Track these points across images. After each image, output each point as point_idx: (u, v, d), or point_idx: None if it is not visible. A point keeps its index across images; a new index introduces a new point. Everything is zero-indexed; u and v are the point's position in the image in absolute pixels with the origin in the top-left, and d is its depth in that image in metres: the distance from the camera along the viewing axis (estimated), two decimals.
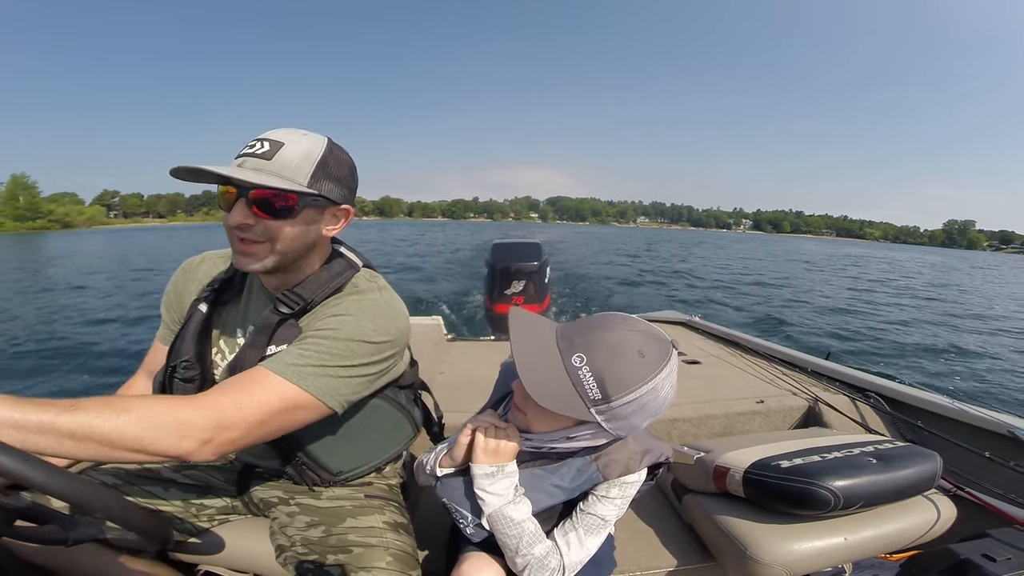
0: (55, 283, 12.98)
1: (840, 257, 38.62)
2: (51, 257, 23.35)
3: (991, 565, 0.99)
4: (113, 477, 0.95)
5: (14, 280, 13.79)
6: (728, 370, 2.39)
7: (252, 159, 0.80)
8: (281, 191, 0.80)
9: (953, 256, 64.74)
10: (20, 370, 5.72)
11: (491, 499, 0.82)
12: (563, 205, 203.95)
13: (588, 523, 0.88)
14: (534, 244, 4.76)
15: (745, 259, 29.84)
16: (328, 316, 0.87)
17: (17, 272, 16.35)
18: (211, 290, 0.96)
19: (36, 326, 7.97)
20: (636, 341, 0.71)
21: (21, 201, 63.97)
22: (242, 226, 0.81)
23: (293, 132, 0.84)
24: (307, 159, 0.83)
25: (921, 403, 1.82)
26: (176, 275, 1.04)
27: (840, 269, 25.72)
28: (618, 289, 12.84)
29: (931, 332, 9.49)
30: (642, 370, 0.70)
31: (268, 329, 0.89)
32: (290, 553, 0.92)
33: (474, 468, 0.83)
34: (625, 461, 0.85)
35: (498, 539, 0.84)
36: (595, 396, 0.70)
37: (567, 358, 0.72)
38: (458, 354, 2.67)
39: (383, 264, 16.80)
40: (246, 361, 0.87)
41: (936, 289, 18.46)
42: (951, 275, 25.85)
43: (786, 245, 58.17)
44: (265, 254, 0.84)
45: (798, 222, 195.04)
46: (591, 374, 0.70)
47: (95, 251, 26.63)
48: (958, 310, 12.95)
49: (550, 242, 10.28)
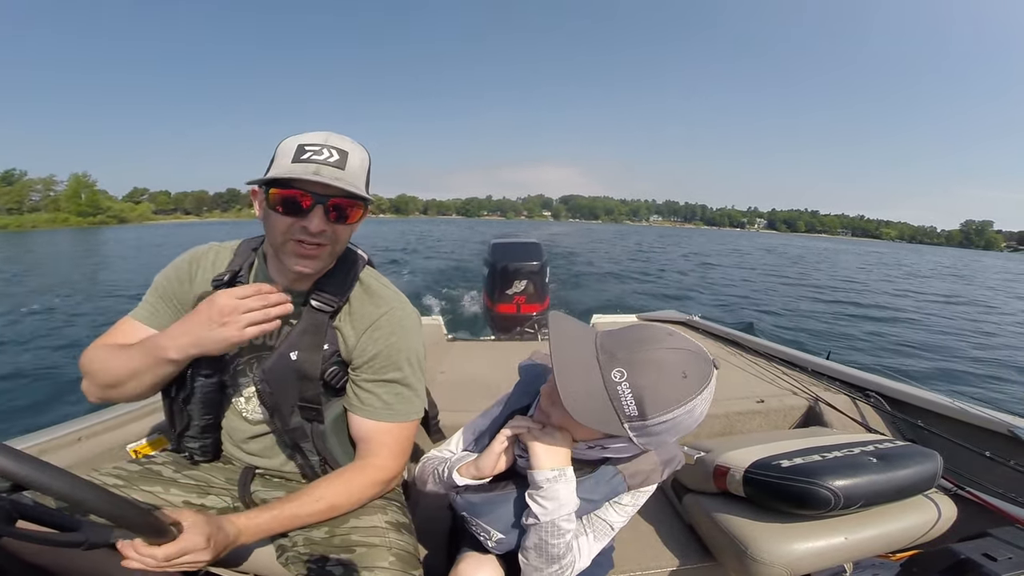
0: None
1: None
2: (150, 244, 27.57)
3: (992, 564, 0.99)
4: (115, 478, 0.95)
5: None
6: (728, 370, 2.38)
7: (327, 168, 0.83)
8: (360, 199, 0.86)
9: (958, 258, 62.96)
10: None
11: (552, 506, 0.78)
12: (576, 203, 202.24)
13: (599, 529, 0.88)
14: (534, 244, 4.75)
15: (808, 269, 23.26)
16: (391, 347, 0.96)
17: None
18: (227, 283, 0.95)
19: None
20: (681, 360, 0.69)
21: (83, 199, 70.75)
22: (320, 233, 0.84)
23: (343, 139, 0.88)
24: (363, 167, 0.89)
25: (921, 402, 1.82)
26: (181, 261, 1.01)
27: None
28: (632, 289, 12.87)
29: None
30: (683, 391, 0.68)
31: (322, 328, 0.94)
32: (292, 553, 0.93)
33: (536, 474, 0.79)
34: (648, 472, 0.85)
35: (532, 547, 0.81)
36: (631, 413, 0.68)
37: (607, 372, 0.70)
38: (458, 354, 2.67)
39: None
40: (307, 366, 0.92)
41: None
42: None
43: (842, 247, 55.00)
44: (324, 257, 0.89)
45: (813, 222, 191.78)
46: (630, 391, 0.68)
47: (157, 242, 30.53)
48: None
49: (554, 236, 10.53)
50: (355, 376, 0.98)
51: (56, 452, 1.31)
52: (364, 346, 0.96)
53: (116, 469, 0.98)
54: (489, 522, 0.86)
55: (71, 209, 68.03)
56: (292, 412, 0.95)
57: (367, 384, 0.97)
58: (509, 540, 0.85)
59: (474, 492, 0.88)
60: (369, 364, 0.96)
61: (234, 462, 1.09)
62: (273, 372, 0.91)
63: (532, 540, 0.81)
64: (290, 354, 0.92)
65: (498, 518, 0.86)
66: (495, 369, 2.38)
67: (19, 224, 58.84)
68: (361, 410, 0.97)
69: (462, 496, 0.89)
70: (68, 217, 65.81)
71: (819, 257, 34.63)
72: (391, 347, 0.96)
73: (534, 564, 0.82)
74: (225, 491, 1.05)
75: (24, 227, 57.74)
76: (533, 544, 0.81)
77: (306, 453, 0.99)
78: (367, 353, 0.96)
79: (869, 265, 30.09)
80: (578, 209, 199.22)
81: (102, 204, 73.35)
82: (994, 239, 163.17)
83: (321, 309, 0.94)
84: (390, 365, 0.96)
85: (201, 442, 1.04)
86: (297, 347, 0.92)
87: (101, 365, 0.90)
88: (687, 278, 16.65)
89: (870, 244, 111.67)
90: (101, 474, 0.96)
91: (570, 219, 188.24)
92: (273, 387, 0.92)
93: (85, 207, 69.58)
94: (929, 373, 6.61)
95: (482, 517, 0.87)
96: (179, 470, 1.04)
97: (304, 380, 0.93)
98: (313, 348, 0.93)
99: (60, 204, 68.71)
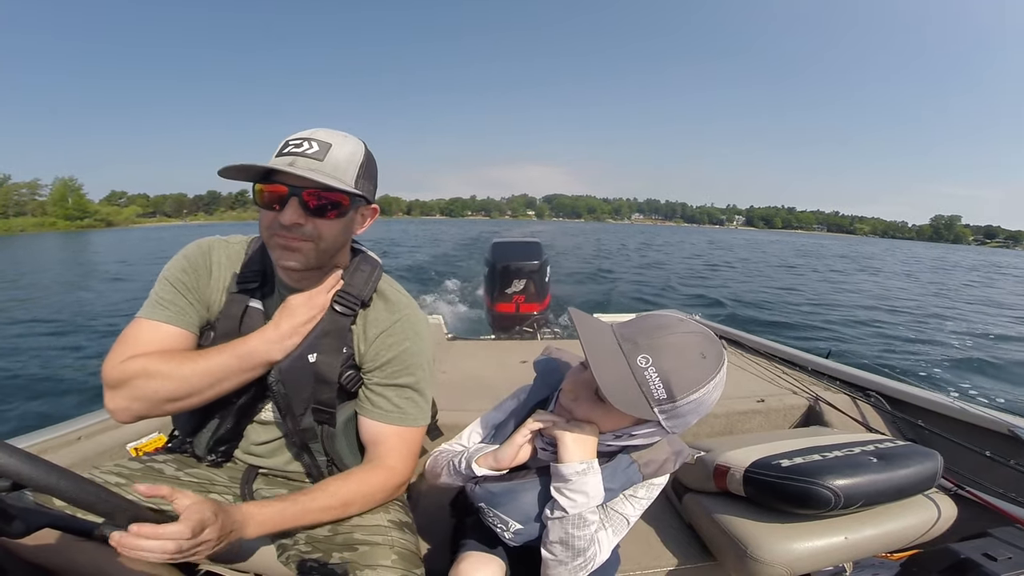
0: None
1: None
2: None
3: (992, 564, 0.99)
4: (115, 475, 0.95)
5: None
6: (728, 369, 2.37)
7: (303, 159, 0.81)
8: (338, 192, 0.82)
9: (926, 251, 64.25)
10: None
11: (581, 499, 0.80)
12: (559, 203, 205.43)
13: (616, 522, 0.89)
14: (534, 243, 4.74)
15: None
16: (404, 353, 0.96)
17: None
18: (253, 284, 0.95)
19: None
20: (697, 343, 0.74)
21: (70, 202, 69.96)
22: (294, 225, 0.81)
23: (332, 132, 0.86)
24: (352, 160, 0.86)
25: (922, 402, 1.82)
26: (192, 254, 0.96)
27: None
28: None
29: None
30: (704, 371, 0.73)
31: (343, 333, 0.93)
32: (293, 552, 0.93)
33: (564, 468, 0.80)
34: (661, 461, 0.86)
35: (558, 541, 0.82)
36: (660, 396, 0.72)
37: (632, 359, 0.73)
38: (459, 353, 2.68)
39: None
40: (325, 369, 0.91)
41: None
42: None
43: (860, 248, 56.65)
44: (308, 252, 0.85)
45: (790, 218, 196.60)
46: (657, 375, 0.72)
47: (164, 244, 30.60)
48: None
49: (533, 234, 10.85)
50: (368, 379, 0.98)
51: (56, 451, 1.31)
52: (378, 350, 0.96)
53: (117, 467, 0.98)
54: (507, 512, 0.87)
55: (58, 213, 67.50)
56: (304, 413, 0.95)
57: (379, 388, 0.96)
58: (528, 531, 0.86)
59: (493, 482, 0.88)
60: (382, 368, 0.96)
61: (237, 461, 1.09)
62: (290, 373, 0.91)
63: (557, 534, 0.82)
64: (308, 356, 0.91)
65: (517, 508, 0.86)
66: (495, 368, 2.38)
67: (7, 228, 58.41)
68: (373, 413, 0.96)
69: (480, 486, 0.89)
70: (56, 221, 65.44)
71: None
72: (405, 352, 0.96)
73: (560, 558, 0.83)
74: (227, 490, 1.04)
75: (12, 231, 57.45)
76: (558, 538, 0.82)
77: (314, 454, 0.99)
78: (381, 358, 0.96)
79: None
80: (561, 208, 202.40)
81: (89, 208, 73.35)
82: (963, 233, 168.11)
83: (344, 313, 0.93)
84: (403, 370, 0.96)
85: (223, 445, 1.02)
86: (316, 350, 0.92)
87: (165, 377, 0.82)
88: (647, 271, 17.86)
89: (843, 239, 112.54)
90: (102, 472, 0.95)
91: (554, 218, 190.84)
92: (288, 388, 0.91)
93: (72, 211, 69.19)
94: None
95: (500, 507, 0.87)
96: (181, 468, 1.03)
97: (320, 383, 0.92)
98: (333, 352, 0.92)
99: (47, 208, 68.44)
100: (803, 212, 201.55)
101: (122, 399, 0.84)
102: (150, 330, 0.89)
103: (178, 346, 0.90)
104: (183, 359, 0.85)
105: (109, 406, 0.85)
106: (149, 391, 0.82)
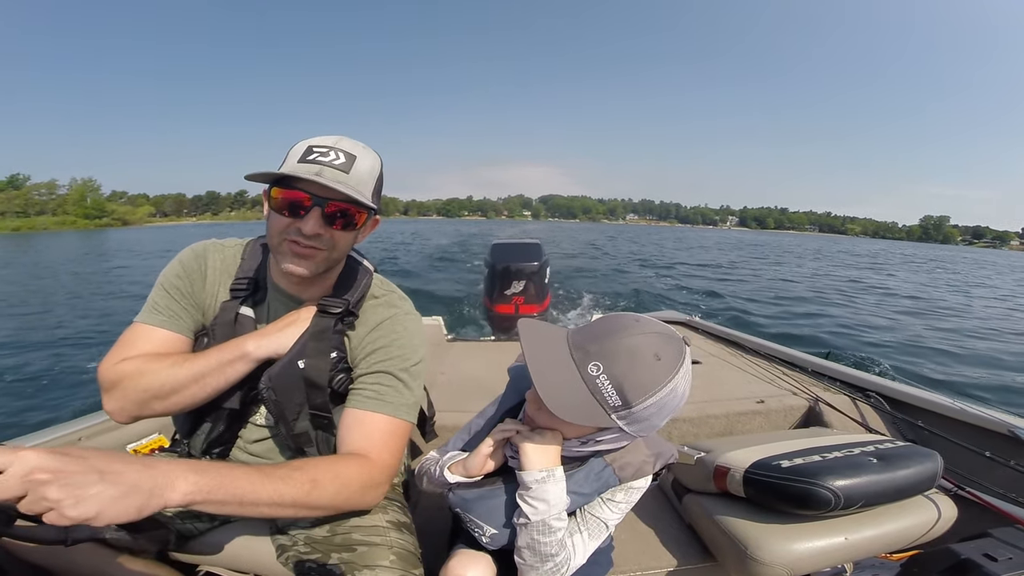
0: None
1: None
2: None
3: (992, 565, 0.99)
4: None
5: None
6: (728, 370, 2.39)
7: (331, 170, 0.82)
8: (361, 205, 0.83)
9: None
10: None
11: (542, 506, 0.79)
12: (555, 203, 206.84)
13: (593, 526, 0.88)
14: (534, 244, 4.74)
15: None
16: (390, 344, 0.94)
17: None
18: (246, 290, 0.95)
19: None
20: (651, 344, 0.71)
21: (88, 202, 75.83)
22: (315, 235, 0.82)
23: (355, 144, 0.87)
24: (372, 174, 0.87)
25: (921, 403, 1.82)
26: (187, 259, 0.97)
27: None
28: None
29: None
30: (660, 373, 0.70)
31: (328, 334, 0.92)
32: (292, 552, 0.93)
33: (525, 475, 0.80)
34: (639, 464, 0.85)
35: (525, 546, 0.82)
36: (615, 403, 0.70)
37: (583, 368, 0.71)
38: (458, 354, 2.68)
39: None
40: (314, 373, 0.90)
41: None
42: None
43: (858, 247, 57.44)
44: (320, 261, 0.87)
45: (782, 219, 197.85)
46: (609, 382, 0.70)
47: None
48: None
49: (526, 233, 11.27)
50: (355, 374, 0.97)
51: None
52: (365, 345, 0.96)
53: None
54: (482, 517, 0.87)
55: (77, 212, 72.18)
56: (297, 418, 0.94)
57: (360, 377, 0.95)
58: (502, 536, 0.86)
59: (466, 488, 0.89)
60: (367, 359, 0.95)
61: (234, 461, 1.09)
62: (280, 379, 0.91)
63: (524, 540, 0.82)
64: (298, 362, 0.91)
65: (490, 514, 0.86)
66: (494, 369, 2.38)
67: (31, 226, 62.62)
68: (351, 401, 0.93)
69: (455, 493, 0.90)
70: (75, 220, 69.50)
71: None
72: (391, 343, 0.95)
73: (529, 563, 0.83)
74: None
75: (36, 228, 61.83)
76: (526, 543, 0.82)
77: (308, 456, 0.98)
78: (367, 350, 0.95)
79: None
80: (557, 208, 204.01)
81: (106, 207, 78.67)
82: (951, 233, 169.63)
83: (328, 312, 0.93)
84: (386, 359, 0.95)
85: (217, 447, 1.02)
86: (305, 355, 0.91)
87: (151, 375, 0.84)
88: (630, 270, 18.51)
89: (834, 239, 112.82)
90: None
91: (549, 218, 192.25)
92: (279, 394, 0.91)
93: (91, 210, 74.18)
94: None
95: (475, 513, 0.88)
96: None
97: (312, 388, 0.92)
98: (319, 354, 0.92)
99: (67, 207, 72.88)
100: (795, 213, 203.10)
101: (116, 400, 0.86)
102: (145, 334, 0.91)
103: (172, 350, 0.91)
104: (173, 360, 0.87)
105: (107, 407, 0.87)
106: (139, 390, 0.84)
